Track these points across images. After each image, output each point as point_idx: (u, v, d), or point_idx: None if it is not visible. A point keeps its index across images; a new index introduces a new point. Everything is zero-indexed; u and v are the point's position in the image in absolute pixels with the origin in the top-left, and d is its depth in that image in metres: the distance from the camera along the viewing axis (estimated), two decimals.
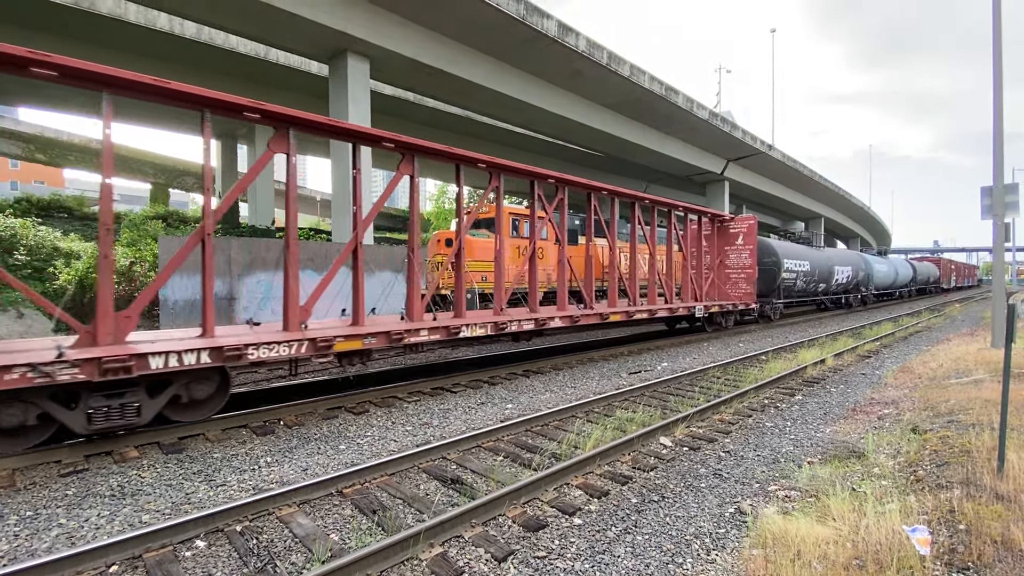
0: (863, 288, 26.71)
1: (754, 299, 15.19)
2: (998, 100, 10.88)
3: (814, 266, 20.09)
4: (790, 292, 19.09)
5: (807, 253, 20.29)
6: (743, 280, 15.36)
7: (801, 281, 19.33)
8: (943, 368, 9.33)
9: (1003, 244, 11.17)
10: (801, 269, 18.92)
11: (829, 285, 21.91)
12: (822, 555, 3.10)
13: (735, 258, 15.53)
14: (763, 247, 17.46)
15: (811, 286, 20.46)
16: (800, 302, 22.63)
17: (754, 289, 15.15)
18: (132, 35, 15.35)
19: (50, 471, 4.62)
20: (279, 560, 3.26)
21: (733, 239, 15.63)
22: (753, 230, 15.27)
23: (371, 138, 7.08)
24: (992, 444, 4.49)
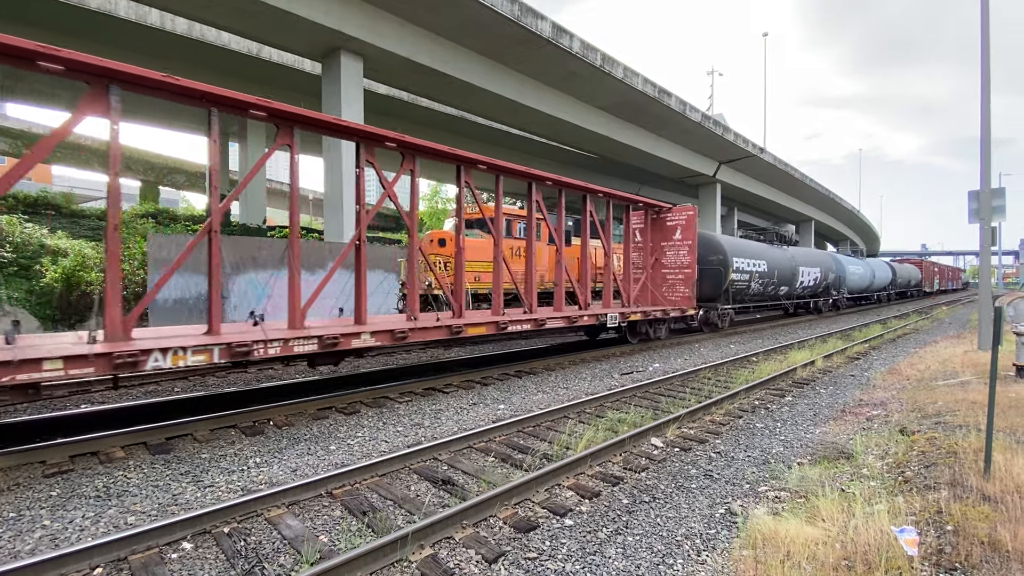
0: (834, 291, 24.37)
1: (692, 304, 13.01)
2: (985, 105, 11.02)
3: (773, 266, 17.90)
4: (742, 296, 16.80)
5: (764, 251, 17.99)
6: (680, 282, 13.13)
7: (757, 283, 17.02)
8: (930, 370, 9.43)
9: (989, 248, 11.31)
10: (755, 269, 16.66)
11: (793, 288, 19.69)
12: (811, 556, 3.11)
13: (672, 256, 13.27)
14: (707, 243, 15.39)
15: (770, 289, 18.18)
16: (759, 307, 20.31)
17: (693, 292, 12.99)
18: (122, 30, 15.19)
19: (34, 472, 4.55)
20: (267, 562, 3.22)
21: (670, 233, 13.24)
22: (692, 223, 12.97)
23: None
24: (979, 445, 4.54)
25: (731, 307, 16.00)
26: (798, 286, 20.14)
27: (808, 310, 23.36)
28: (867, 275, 28.67)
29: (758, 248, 17.93)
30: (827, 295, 23.74)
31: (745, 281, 16.24)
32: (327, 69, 14.47)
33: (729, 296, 15.61)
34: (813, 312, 23.47)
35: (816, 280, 21.52)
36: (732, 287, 15.60)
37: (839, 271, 24.36)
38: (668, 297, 13.28)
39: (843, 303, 26.44)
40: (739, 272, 15.71)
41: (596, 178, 33.61)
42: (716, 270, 15.19)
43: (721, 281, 15.26)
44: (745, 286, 16.39)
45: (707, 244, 15.36)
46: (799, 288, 20.41)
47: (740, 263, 15.83)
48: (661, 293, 13.35)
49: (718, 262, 15.26)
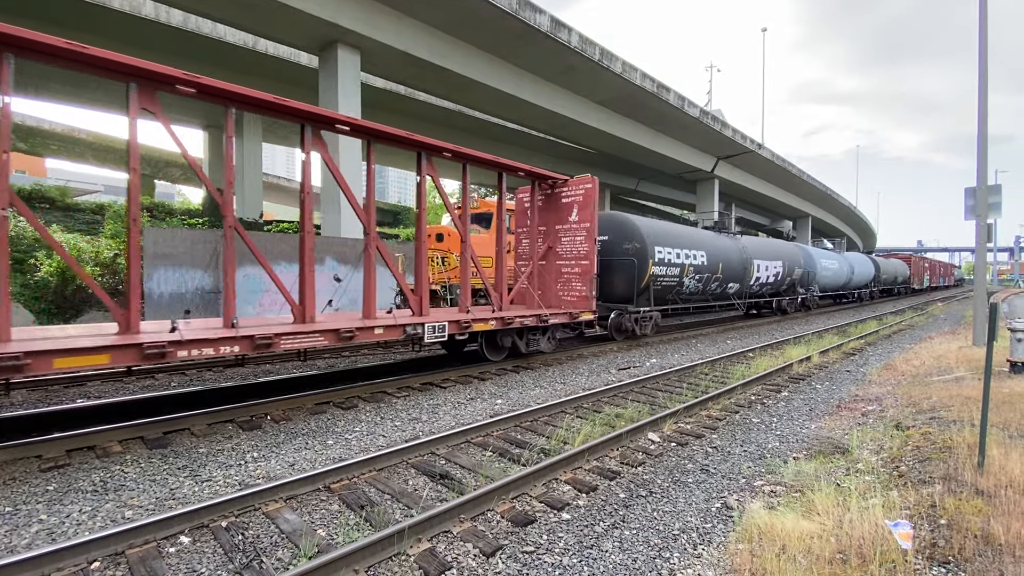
0: (802, 289, 21.36)
1: (590, 306, 10.06)
2: (983, 103, 11.04)
3: (716, 258, 14.81)
4: (672, 294, 13.63)
5: (701, 240, 14.69)
6: (576, 277, 10.23)
7: (692, 279, 13.98)
8: (925, 366, 9.49)
9: (985, 244, 11.36)
10: (689, 262, 13.62)
11: (744, 285, 16.61)
12: (807, 549, 3.13)
13: (568, 243, 10.35)
14: (619, 227, 12.49)
15: (713, 286, 15.14)
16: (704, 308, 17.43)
17: (592, 291, 10.07)
18: (116, 22, 15.04)
19: (30, 466, 4.54)
20: (265, 556, 3.22)
21: (565, 214, 10.37)
22: (591, 199, 9.98)
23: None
24: (973, 440, 4.57)
25: (654, 309, 12.89)
26: (753, 282, 17.13)
27: (772, 310, 20.50)
28: (843, 270, 25.76)
29: (692, 235, 14.59)
30: (793, 293, 20.88)
31: (674, 276, 13.21)
32: (324, 62, 14.38)
33: (650, 295, 12.58)
34: (777, 313, 20.50)
35: (778, 275, 18.69)
36: (655, 283, 12.64)
37: (808, 265, 21.60)
38: (564, 297, 10.52)
39: (814, 302, 23.30)
40: (663, 265, 12.74)
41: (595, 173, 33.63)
42: (629, 262, 12.14)
43: (637, 276, 12.15)
44: (674, 282, 13.40)
45: (618, 229, 12.49)
46: (755, 285, 17.44)
47: (665, 253, 12.79)
48: (554, 292, 10.60)
49: (633, 252, 12.19)
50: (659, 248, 12.56)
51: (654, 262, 12.31)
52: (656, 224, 13.66)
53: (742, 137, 27.97)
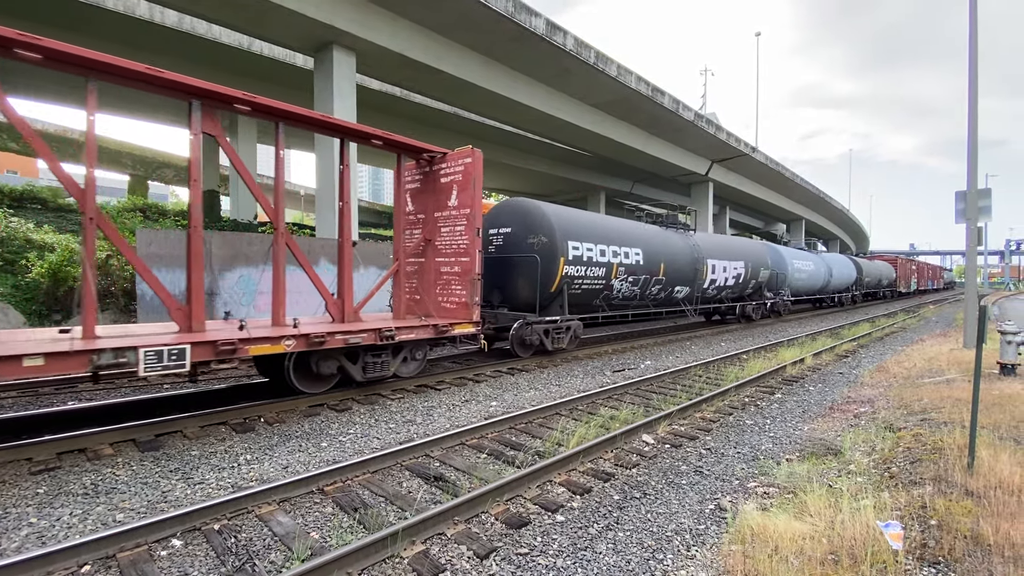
0: (770, 293, 19.22)
1: (471, 315, 8.11)
2: (973, 107, 11.16)
3: (656, 257, 12.44)
4: (596, 300, 11.41)
5: (635, 234, 12.17)
6: (456, 279, 8.32)
7: (624, 281, 11.66)
8: (917, 368, 9.56)
9: (975, 247, 11.47)
10: (619, 261, 11.31)
11: (696, 289, 14.38)
12: (799, 550, 3.15)
13: (448, 235, 8.44)
14: (524, 217, 10.25)
15: (654, 289, 12.76)
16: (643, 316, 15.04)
17: (473, 295, 8.09)
18: (110, 22, 14.96)
19: (20, 469, 4.49)
20: (257, 559, 3.21)
21: (444, 197, 8.43)
22: (472, 177, 8.03)
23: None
24: (963, 442, 4.61)
25: (570, 318, 10.56)
26: (708, 286, 14.85)
27: (741, 317, 18.22)
28: (820, 272, 23.65)
29: (624, 229, 12.04)
30: (759, 297, 18.56)
31: (597, 278, 10.96)
32: (319, 64, 14.36)
33: (564, 301, 10.32)
34: (741, 320, 18.33)
35: (739, 278, 16.39)
36: (571, 287, 10.38)
37: (778, 267, 19.57)
38: (444, 304, 8.55)
39: (785, 307, 20.89)
40: (581, 264, 10.38)
41: (591, 176, 33.75)
42: (531, 260, 9.82)
43: (542, 277, 9.75)
44: (598, 286, 11.11)
45: (523, 219, 10.25)
46: (710, 288, 15.07)
47: (583, 250, 10.41)
48: (433, 297, 8.64)
49: (539, 247, 9.88)
50: (574, 243, 10.27)
51: (567, 260, 10.03)
52: (572, 214, 10.98)
53: (736, 140, 28.13)
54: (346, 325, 6.96)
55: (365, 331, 6.82)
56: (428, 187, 8.77)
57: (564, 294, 10.30)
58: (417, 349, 7.87)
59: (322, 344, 6.32)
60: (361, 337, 6.73)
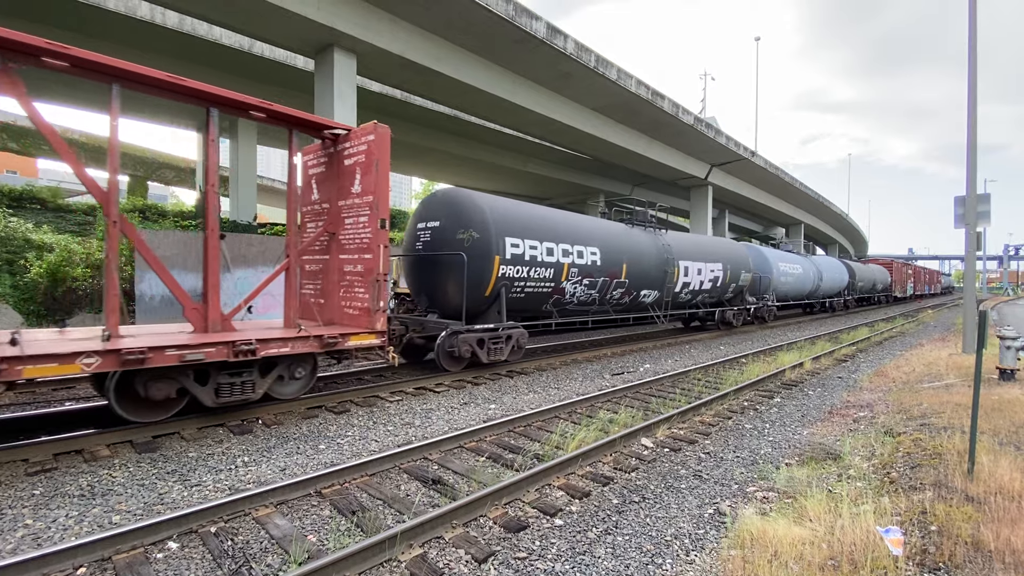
0: (752, 298, 17.96)
1: (373, 324, 6.79)
2: (972, 112, 11.19)
3: (616, 257, 11.19)
4: (546, 305, 10.20)
5: (590, 231, 10.90)
6: (359, 280, 7.07)
7: (579, 284, 10.37)
8: (916, 372, 9.56)
9: (974, 252, 11.48)
10: (570, 261, 10.04)
11: (666, 293, 13.09)
12: (798, 555, 3.14)
13: (352, 228, 7.20)
14: (454, 209, 8.97)
15: (614, 294, 11.49)
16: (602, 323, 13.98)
17: (377, 300, 6.78)
18: (111, 24, 14.97)
19: (16, 470, 4.47)
20: (254, 562, 3.19)
21: (348, 182, 7.24)
22: (376, 158, 6.80)
23: None
24: (963, 447, 4.61)
25: (511, 326, 9.21)
26: (680, 289, 13.66)
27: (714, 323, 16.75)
28: (808, 276, 22.29)
29: (576, 225, 10.70)
30: (740, 302, 17.34)
31: (544, 281, 9.62)
32: (320, 66, 14.37)
33: (502, 306, 9.01)
34: (720, 326, 16.93)
35: (716, 281, 15.14)
36: (511, 290, 9.12)
37: (762, 269, 18.36)
38: (346, 309, 7.30)
39: (770, 313, 19.57)
40: (522, 264, 9.10)
41: (590, 179, 33.80)
42: (457, 259, 8.52)
43: (469, 279, 8.51)
44: (546, 289, 9.76)
45: (453, 211, 8.95)
46: (682, 292, 13.85)
47: (524, 248, 9.13)
48: (337, 302, 7.47)
49: (469, 244, 8.60)
50: (513, 240, 8.98)
51: (504, 260, 8.79)
52: (513, 206, 9.64)
53: (736, 144, 28.17)
54: (201, 336, 5.70)
55: (212, 344, 5.45)
56: (332, 171, 7.60)
57: (502, 298, 9.04)
58: (298, 365, 6.49)
59: (143, 362, 4.96)
60: (204, 352, 5.37)
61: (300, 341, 6.22)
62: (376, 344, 6.94)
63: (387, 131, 6.95)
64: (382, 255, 6.84)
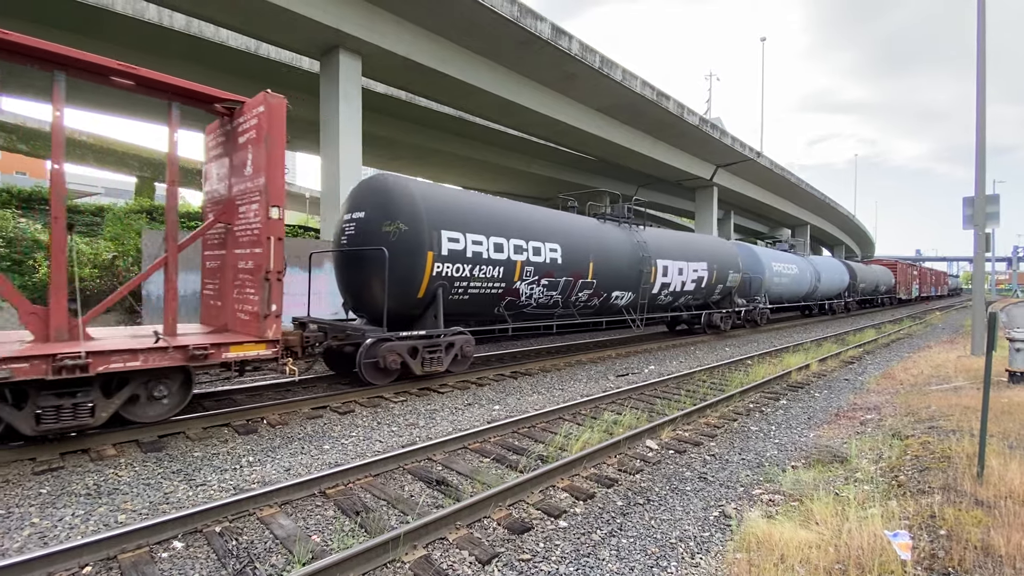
0: (741, 300, 16.79)
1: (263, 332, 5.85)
2: (981, 113, 11.10)
3: (581, 254, 10.10)
4: (498, 308, 9.11)
5: (550, 225, 9.78)
6: (249, 279, 6.15)
7: (535, 285, 9.26)
8: (924, 375, 9.47)
9: (983, 254, 11.38)
10: (524, 258, 8.91)
11: (642, 295, 11.99)
12: (805, 559, 3.11)
13: (244, 217, 6.31)
14: (380, 198, 7.84)
15: (580, 295, 10.41)
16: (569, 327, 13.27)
17: (267, 303, 5.84)
18: (119, 26, 15.08)
19: (24, 469, 4.50)
20: (259, 562, 3.19)
21: (242, 162, 6.32)
22: (265, 132, 5.85)
23: None
24: (972, 450, 4.56)
25: (455, 332, 8.26)
26: (658, 290, 12.54)
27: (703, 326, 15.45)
28: (805, 277, 21.08)
29: (533, 218, 9.55)
30: (728, 304, 16.17)
31: (493, 280, 8.52)
32: (325, 67, 14.43)
33: (439, 310, 7.92)
34: (706, 331, 15.77)
35: (701, 281, 14.03)
36: (450, 292, 8.07)
37: (753, 269, 17.19)
38: (239, 314, 6.36)
39: (762, 316, 18.42)
40: (462, 261, 8.02)
41: (594, 179, 33.77)
42: (375, 256, 7.48)
43: (397, 278, 7.48)
44: (494, 289, 8.64)
45: (379, 200, 7.81)
46: (661, 294, 12.73)
47: (466, 243, 8.07)
48: (230, 303, 6.54)
49: (396, 237, 7.49)
50: (452, 234, 7.89)
51: (439, 256, 7.71)
52: (450, 196, 8.46)
53: (741, 145, 28.07)
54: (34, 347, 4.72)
55: (25, 359, 4.35)
56: (228, 151, 6.67)
57: (439, 301, 7.94)
58: (158, 383, 5.42)
59: None
60: (12, 368, 4.27)
61: (155, 353, 5.07)
62: (266, 356, 5.86)
63: (281, 102, 5.97)
64: (273, 249, 5.83)
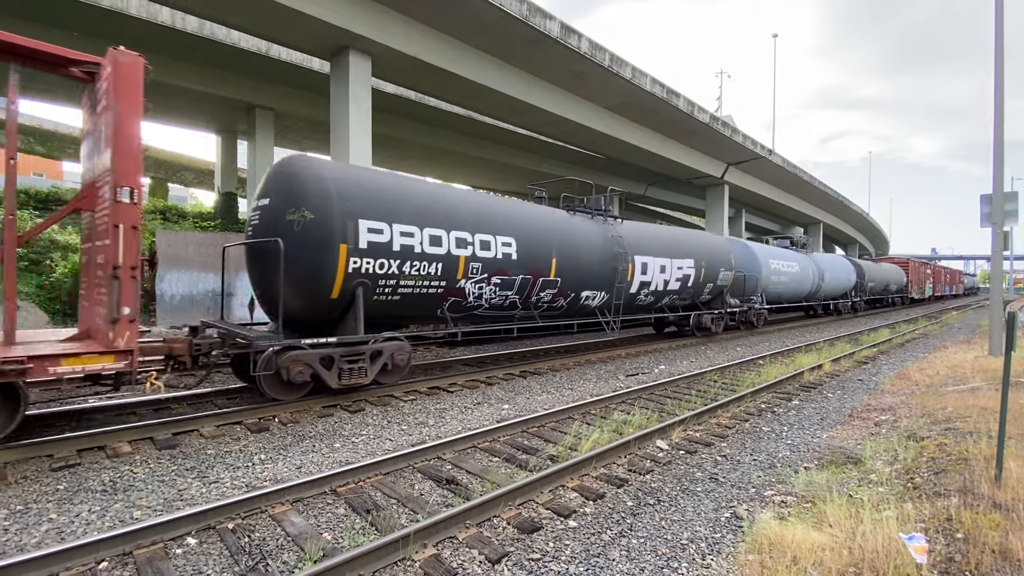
0: (734, 300, 15.58)
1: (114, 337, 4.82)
2: (999, 108, 10.89)
3: (541, 250, 8.92)
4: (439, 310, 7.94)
5: (505, 215, 8.58)
6: (103, 276, 5.06)
7: (489, 285, 8.16)
8: (940, 375, 9.32)
9: (1001, 252, 11.17)
10: (467, 253, 7.74)
11: (618, 294, 10.81)
12: (818, 561, 3.08)
13: (101, 202, 5.16)
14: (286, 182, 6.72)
15: (542, 296, 9.23)
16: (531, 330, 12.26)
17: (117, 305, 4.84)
18: (134, 28, 15.29)
19: (42, 465, 4.58)
20: (271, 559, 3.22)
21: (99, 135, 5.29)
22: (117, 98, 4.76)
23: None
24: (990, 452, 4.48)
25: (388, 337, 7.15)
26: (636, 290, 11.38)
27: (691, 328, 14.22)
28: (807, 275, 19.80)
29: (483, 207, 8.42)
30: (719, 305, 14.92)
31: (431, 279, 7.41)
32: (336, 68, 14.51)
33: (358, 313, 6.74)
34: (695, 333, 14.54)
35: (687, 280, 12.84)
36: (376, 291, 6.96)
37: (747, 267, 15.98)
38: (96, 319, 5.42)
39: (758, 317, 17.29)
40: (388, 256, 6.90)
41: (604, 178, 33.65)
42: (275, 249, 6.27)
43: (298, 275, 6.40)
44: (433, 289, 7.52)
45: (283, 184, 6.72)
46: (640, 294, 11.60)
47: (392, 234, 6.92)
48: (93, 306, 5.56)
49: (302, 227, 6.38)
50: (373, 224, 6.74)
51: (356, 249, 6.57)
52: (371, 179, 7.17)
53: (752, 143, 27.79)
54: None
55: None
56: (92, 125, 5.63)
57: (359, 302, 6.75)
58: None
59: None
60: None
61: None
62: (114, 368, 4.84)
63: (133, 61, 4.83)
64: (123, 239, 4.87)
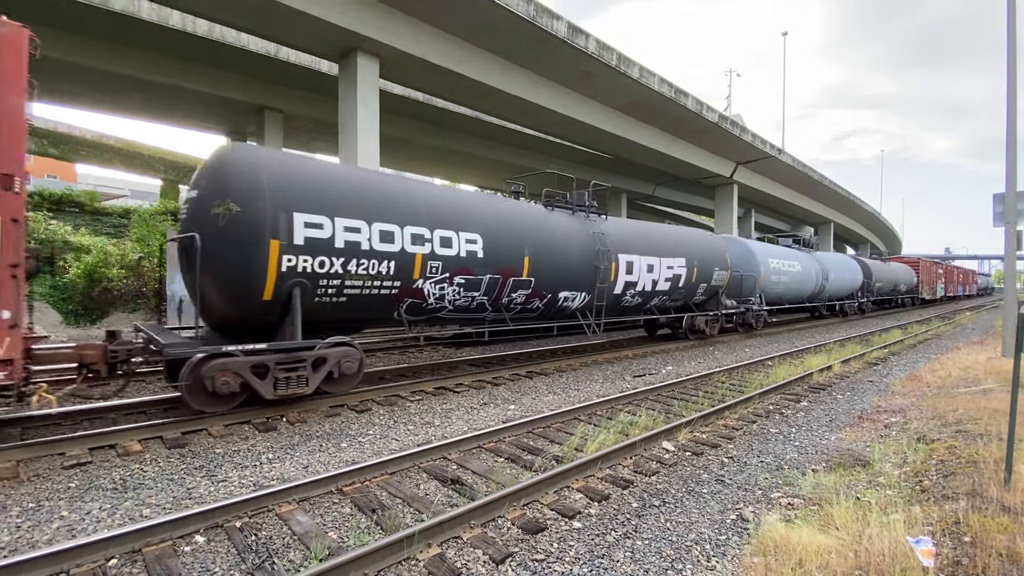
0: (730, 300, 14.90)
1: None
2: (1011, 105, 10.74)
3: (511, 247, 8.32)
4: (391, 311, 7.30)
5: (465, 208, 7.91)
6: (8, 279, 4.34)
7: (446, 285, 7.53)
8: (952, 377, 9.21)
9: (1015, 251, 11.01)
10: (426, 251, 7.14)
11: (598, 296, 10.16)
12: (824, 564, 3.06)
13: None
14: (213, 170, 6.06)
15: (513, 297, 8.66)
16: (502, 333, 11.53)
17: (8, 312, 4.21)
18: (145, 32, 15.49)
19: (54, 463, 4.66)
20: (277, 557, 3.26)
21: None
22: None
23: None
24: (1000, 455, 4.42)
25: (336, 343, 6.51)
26: (621, 290, 10.81)
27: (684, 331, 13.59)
28: (810, 275, 18.96)
29: (442, 199, 7.76)
30: (714, 306, 14.31)
31: (382, 278, 6.79)
32: (344, 69, 14.60)
33: (295, 317, 6.11)
34: (690, 335, 13.92)
35: (678, 280, 12.21)
36: (319, 292, 6.34)
37: (745, 267, 15.22)
38: None
39: (757, 319, 16.33)
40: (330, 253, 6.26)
41: (612, 178, 33.59)
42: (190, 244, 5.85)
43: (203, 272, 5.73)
44: (385, 289, 6.90)
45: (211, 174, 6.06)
46: (626, 294, 11.01)
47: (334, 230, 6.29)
48: None
49: (227, 221, 5.73)
50: (311, 217, 6.09)
51: (290, 246, 5.92)
52: (312, 169, 6.49)
53: (762, 142, 27.60)
54: None
55: None
56: None
57: (296, 304, 6.07)
58: None
59: None
60: None
61: None
62: None
63: (18, 33, 4.31)
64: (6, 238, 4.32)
